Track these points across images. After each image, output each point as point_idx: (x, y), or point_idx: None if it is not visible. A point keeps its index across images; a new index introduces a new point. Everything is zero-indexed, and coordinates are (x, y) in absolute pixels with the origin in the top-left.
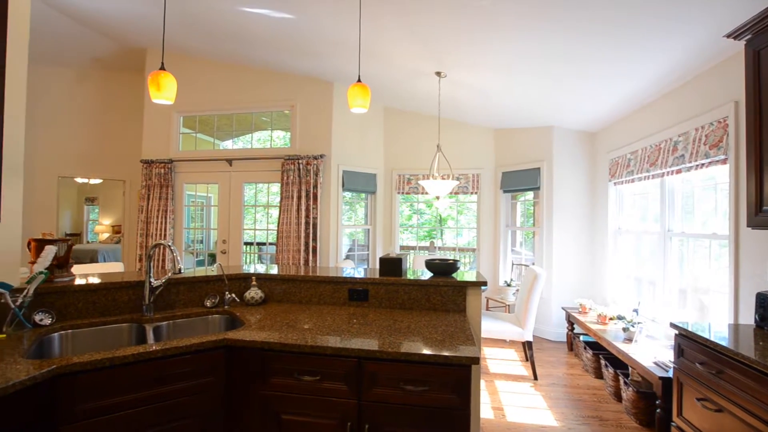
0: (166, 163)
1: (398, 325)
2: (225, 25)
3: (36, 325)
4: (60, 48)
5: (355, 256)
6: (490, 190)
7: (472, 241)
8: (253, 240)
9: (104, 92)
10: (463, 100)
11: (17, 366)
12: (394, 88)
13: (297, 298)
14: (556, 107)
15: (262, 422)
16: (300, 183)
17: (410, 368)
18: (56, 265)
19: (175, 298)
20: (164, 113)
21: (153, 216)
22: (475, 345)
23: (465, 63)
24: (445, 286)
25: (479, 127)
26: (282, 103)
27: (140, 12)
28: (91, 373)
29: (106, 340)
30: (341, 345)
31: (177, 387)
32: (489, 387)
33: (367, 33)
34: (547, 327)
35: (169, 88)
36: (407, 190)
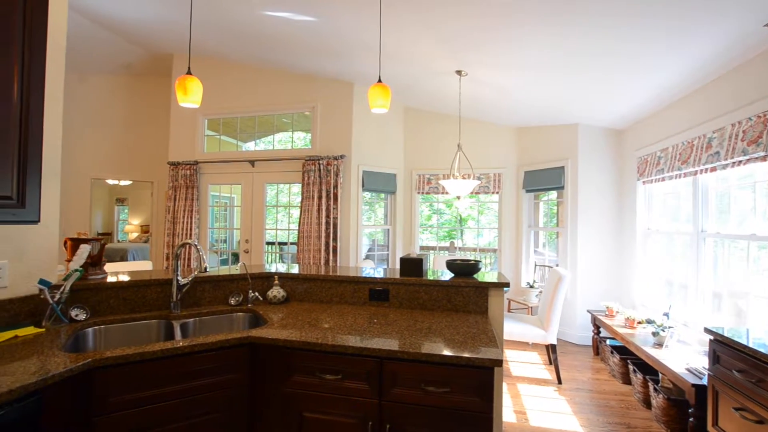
0: (192, 165)
1: (419, 326)
2: (248, 29)
3: (72, 320)
4: (92, 56)
5: (375, 256)
6: (512, 190)
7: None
8: (275, 240)
9: (133, 97)
10: (485, 98)
11: (56, 358)
12: (414, 87)
13: (318, 298)
14: (582, 104)
15: (285, 419)
16: (320, 183)
17: (431, 369)
18: (90, 263)
19: (200, 296)
20: (190, 116)
21: (179, 216)
22: (498, 347)
23: (487, 61)
24: (467, 287)
25: (501, 125)
26: (303, 105)
27: (167, 19)
28: (122, 367)
29: (136, 335)
30: (362, 345)
31: (203, 382)
32: (511, 390)
33: (387, 33)
34: (571, 330)
35: (196, 92)
36: (427, 190)
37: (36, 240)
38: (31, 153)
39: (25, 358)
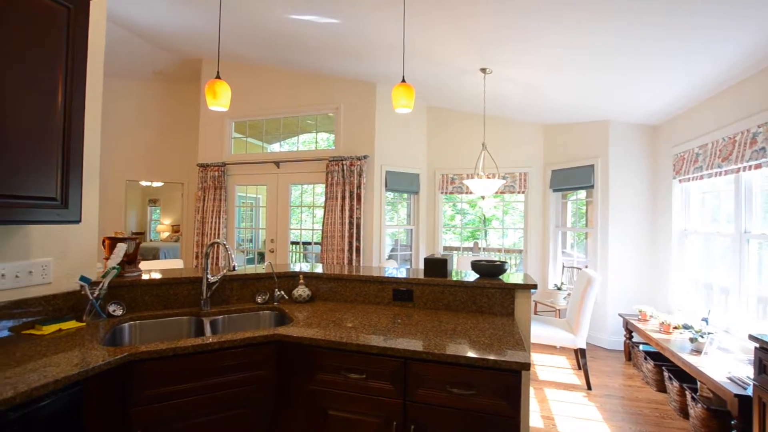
0: (220, 167)
1: (444, 327)
2: (273, 33)
3: (110, 315)
4: (126, 63)
5: (398, 257)
6: (539, 189)
7: (518, 242)
8: (299, 239)
9: (164, 102)
10: (510, 96)
11: (96, 352)
12: (437, 86)
13: (342, 297)
14: (614, 100)
15: (310, 416)
16: (344, 183)
17: (457, 371)
18: (126, 261)
19: (229, 294)
20: (218, 119)
21: (208, 216)
22: (525, 350)
23: (513, 58)
24: (492, 288)
25: (527, 123)
26: (327, 106)
27: (196, 25)
28: (156, 362)
29: (168, 331)
30: (387, 345)
31: (231, 378)
32: (538, 395)
33: (411, 32)
34: (601, 334)
35: (224, 95)
36: (451, 190)
37: (77, 239)
38: (73, 157)
39: (68, 350)
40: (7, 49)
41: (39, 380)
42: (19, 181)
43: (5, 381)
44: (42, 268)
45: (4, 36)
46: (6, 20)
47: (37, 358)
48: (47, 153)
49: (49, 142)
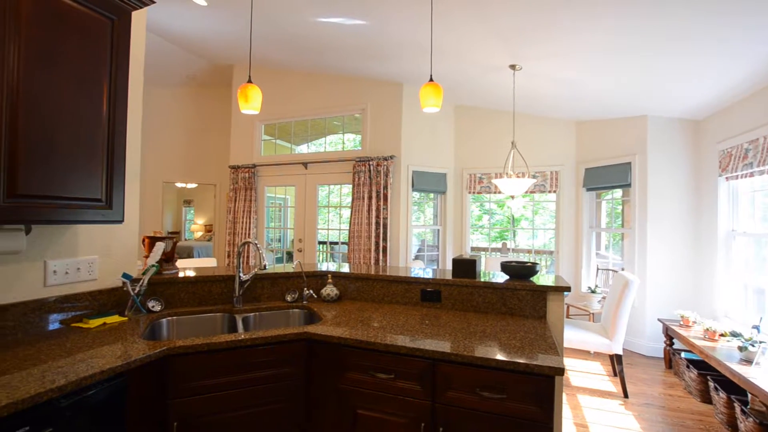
0: (250, 168)
1: (473, 329)
2: (301, 37)
3: (149, 310)
4: (162, 70)
5: (425, 257)
6: (571, 188)
7: (548, 243)
8: (326, 239)
9: (197, 106)
10: (541, 92)
11: (137, 345)
12: (465, 85)
13: (370, 297)
14: (654, 93)
15: (339, 414)
16: (371, 184)
17: (487, 374)
18: (164, 259)
19: (260, 292)
20: (248, 122)
21: (239, 216)
22: (559, 354)
23: (544, 53)
24: (523, 290)
25: (559, 120)
26: (353, 107)
27: (228, 31)
28: (192, 356)
29: (203, 326)
30: (415, 345)
31: (263, 374)
32: (571, 401)
33: (439, 31)
34: (639, 340)
35: (256, 99)
36: (479, 190)
37: (119, 238)
38: (117, 160)
39: (112, 343)
40: (59, 59)
41: (87, 370)
42: (69, 184)
43: (58, 370)
44: (89, 265)
45: (56, 47)
46: (57, 33)
47: (84, 350)
48: (94, 157)
49: (96, 147)
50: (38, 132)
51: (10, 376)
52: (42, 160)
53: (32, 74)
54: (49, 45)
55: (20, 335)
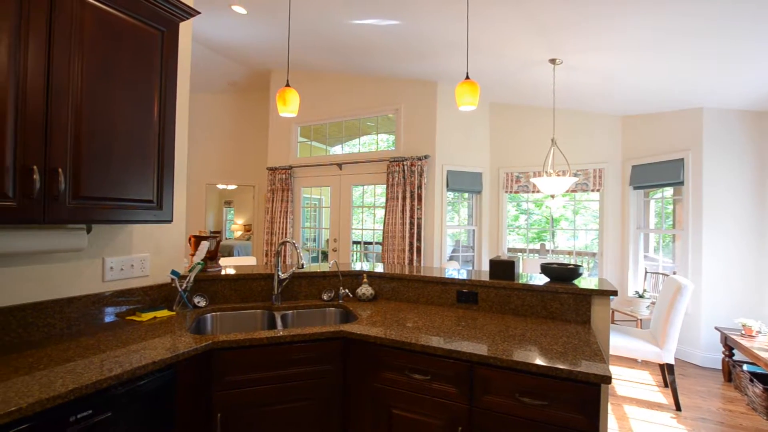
0: (287, 170)
1: (511, 332)
2: (338, 40)
3: (195, 306)
4: (205, 77)
5: (460, 257)
6: (616, 187)
7: (590, 245)
8: (360, 239)
9: (237, 111)
10: (583, 86)
11: (184, 338)
12: (501, 81)
13: (405, 297)
14: (711, 83)
15: (374, 413)
16: (405, 184)
17: (527, 379)
18: (208, 257)
19: (297, 290)
20: (285, 125)
21: (276, 216)
22: (605, 362)
23: (587, 45)
24: (565, 294)
25: (602, 115)
26: (387, 107)
27: (267, 38)
28: (235, 351)
29: (244, 322)
30: (451, 347)
31: (301, 370)
32: (616, 411)
33: (474, 27)
34: (693, 349)
35: (294, 102)
36: (516, 189)
37: (168, 237)
38: (166, 164)
39: (162, 335)
40: (116, 70)
41: (140, 361)
42: (125, 186)
43: (115, 359)
44: (141, 262)
45: (114, 60)
46: (114, 46)
47: (138, 341)
48: (146, 161)
49: (148, 152)
50: (98, 138)
51: (75, 363)
52: (101, 164)
53: (93, 85)
54: (107, 58)
55: (83, 326)
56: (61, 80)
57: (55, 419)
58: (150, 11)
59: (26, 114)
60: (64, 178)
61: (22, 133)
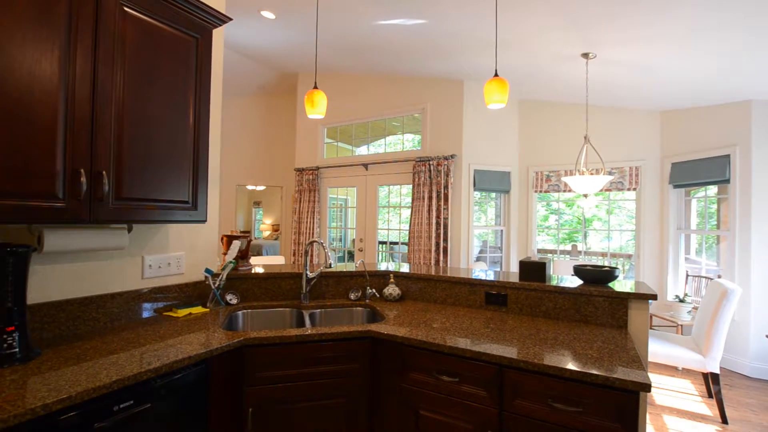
0: (314, 170)
1: (543, 335)
2: (362, 41)
3: (227, 303)
4: (235, 81)
5: (487, 258)
6: (654, 185)
7: (625, 246)
8: (386, 239)
9: (265, 113)
10: (618, 81)
11: (217, 334)
12: (530, 78)
13: (432, 298)
14: (759, 75)
15: (401, 413)
16: (431, 184)
17: (560, 385)
18: (240, 256)
19: (325, 289)
20: (312, 127)
21: (304, 216)
22: (643, 368)
23: (623, 37)
24: (600, 297)
25: (639, 110)
26: (413, 107)
27: (294, 41)
28: (265, 347)
29: (273, 320)
30: (480, 350)
31: (328, 369)
32: (655, 422)
33: (503, 23)
34: (741, 358)
35: (321, 104)
36: (546, 188)
37: (202, 236)
38: (201, 166)
39: (196, 331)
40: (154, 77)
41: (177, 355)
42: (163, 188)
43: (153, 353)
44: (177, 260)
45: (152, 66)
46: (153, 54)
47: (174, 336)
48: (182, 163)
49: (184, 154)
50: (138, 142)
51: (117, 356)
52: (141, 167)
53: (133, 92)
54: (146, 65)
55: (123, 320)
56: (104, 88)
57: (101, 408)
58: (185, 19)
59: (74, 121)
60: (107, 181)
61: (71, 139)
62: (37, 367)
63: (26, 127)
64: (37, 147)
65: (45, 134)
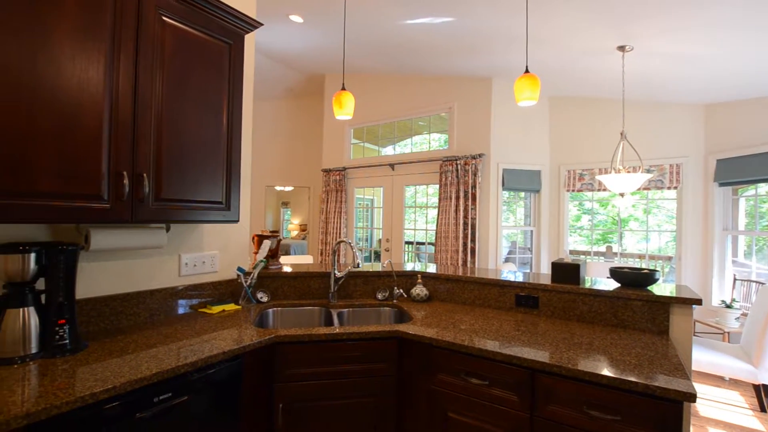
0: (341, 171)
1: (577, 340)
2: (390, 41)
3: (258, 301)
4: (264, 84)
5: (516, 259)
6: (698, 183)
7: (665, 248)
8: (413, 239)
9: (293, 115)
10: (657, 74)
11: (249, 331)
12: (562, 74)
13: (460, 299)
14: None
15: (430, 414)
16: (458, 183)
17: (596, 391)
18: (270, 255)
19: (353, 289)
20: (339, 127)
21: (331, 216)
22: (687, 377)
23: (663, 27)
24: (639, 301)
25: (680, 104)
26: (439, 106)
27: (321, 44)
28: (295, 345)
29: (302, 318)
30: (511, 353)
31: (356, 368)
32: None
33: (534, 18)
34: None
35: (349, 105)
36: (579, 187)
37: (234, 236)
38: (233, 167)
39: (230, 327)
40: (190, 82)
41: (212, 350)
42: (199, 189)
43: (190, 348)
44: (211, 259)
45: (188, 73)
46: (189, 60)
47: (209, 332)
48: (217, 165)
49: (218, 156)
50: (176, 146)
51: (157, 350)
52: (179, 169)
53: (171, 97)
54: (183, 71)
55: (162, 316)
56: (145, 93)
57: (142, 399)
58: (219, 26)
59: (118, 125)
60: (147, 182)
61: (114, 143)
62: (84, 358)
63: (76, 133)
64: (85, 151)
65: (92, 139)
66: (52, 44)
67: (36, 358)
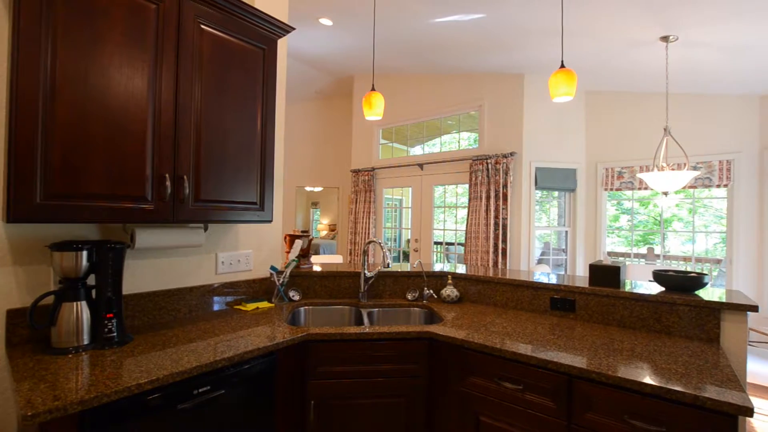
0: (369, 171)
1: (617, 346)
2: (419, 40)
3: (290, 299)
4: (295, 87)
5: (550, 261)
6: (751, 181)
7: (712, 250)
8: (442, 239)
9: (322, 117)
10: (704, 65)
11: (282, 329)
12: (599, 68)
13: (492, 301)
14: None
15: (461, 417)
16: (489, 183)
17: (639, 400)
18: (301, 254)
19: (382, 289)
20: (367, 128)
21: (360, 216)
22: (742, 389)
23: (711, 14)
24: (686, 306)
25: (731, 96)
26: (469, 105)
27: (350, 45)
28: (326, 343)
29: (333, 317)
30: (547, 357)
31: (386, 367)
32: None
33: (569, 10)
34: None
35: (379, 105)
36: (618, 186)
37: (268, 235)
38: (267, 169)
39: (263, 325)
40: (227, 87)
41: (247, 346)
42: (235, 190)
43: (226, 343)
44: (246, 257)
45: (225, 78)
46: (226, 66)
47: (244, 328)
48: (252, 167)
49: (253, 158)
50: (214, 149)
51: (196, 344)
52: (216, 171)
53: (209, 102)
54: (219, 76)
55: (200, 312)
56: (185, 99)
57: (182, 391)
58: (254, 32)
59: (161, 130)
60: (188, 184)
61: (158, 147)
62: (130, 350)
63: (123, 138)
64: (131, 155)
65: (137, 143)
66: (103, 54)
67: (87, 349)
